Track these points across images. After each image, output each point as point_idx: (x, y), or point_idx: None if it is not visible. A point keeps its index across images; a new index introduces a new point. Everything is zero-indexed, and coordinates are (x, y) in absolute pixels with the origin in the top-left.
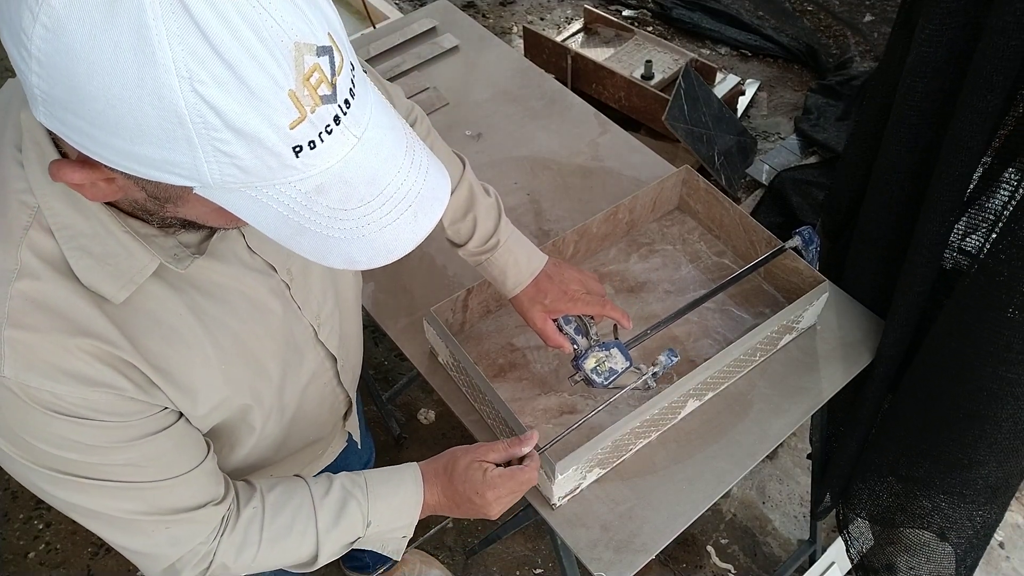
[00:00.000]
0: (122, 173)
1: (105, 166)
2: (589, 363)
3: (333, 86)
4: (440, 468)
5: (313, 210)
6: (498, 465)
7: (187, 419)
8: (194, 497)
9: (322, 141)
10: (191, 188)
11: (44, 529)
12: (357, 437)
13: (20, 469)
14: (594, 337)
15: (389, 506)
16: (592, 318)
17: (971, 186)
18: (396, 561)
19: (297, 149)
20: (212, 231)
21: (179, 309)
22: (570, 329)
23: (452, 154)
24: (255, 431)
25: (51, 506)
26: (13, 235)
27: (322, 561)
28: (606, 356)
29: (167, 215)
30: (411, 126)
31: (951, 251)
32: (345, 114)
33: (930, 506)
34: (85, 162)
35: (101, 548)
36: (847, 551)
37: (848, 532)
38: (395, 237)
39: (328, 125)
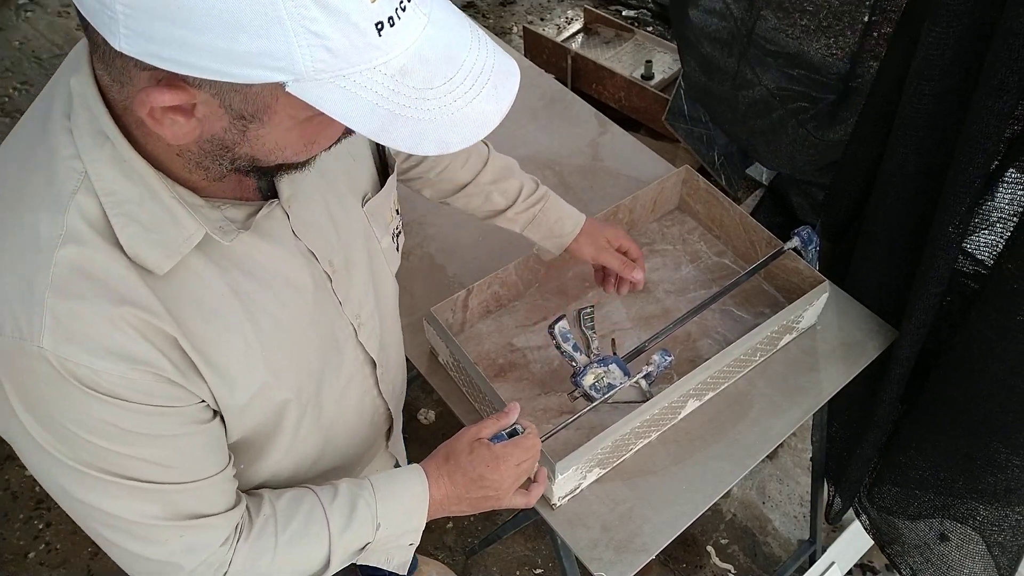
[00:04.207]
0: (211, 84)
1: (193, 83)
2: (588, 380)
3: None
4: (441, 460)
5: (401, 93)
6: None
7: (221, 419)
8: (212, 504)
9: (399, 18)
10: (283, 86)
11: (44, 529)
12: (403, 461)
13: (44, 462)
14: (594, 352)
15: (398, 506)
16: (593, 331)
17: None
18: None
19: (379, 26)
20: (258, 208)
21: (221, 288)
22: (568, 347)
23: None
24: (288, 432)
25: (61, 508)
26: (60, 200)
27: (332, 569)
28: (604, 372)
29: (241, 153)
30: None
31: None
32: None
33: (964, 509)
34: (171, 84)
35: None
36: (883, 551)
37: (877, 530)
38: (481, 112)
39: (402, 2)
